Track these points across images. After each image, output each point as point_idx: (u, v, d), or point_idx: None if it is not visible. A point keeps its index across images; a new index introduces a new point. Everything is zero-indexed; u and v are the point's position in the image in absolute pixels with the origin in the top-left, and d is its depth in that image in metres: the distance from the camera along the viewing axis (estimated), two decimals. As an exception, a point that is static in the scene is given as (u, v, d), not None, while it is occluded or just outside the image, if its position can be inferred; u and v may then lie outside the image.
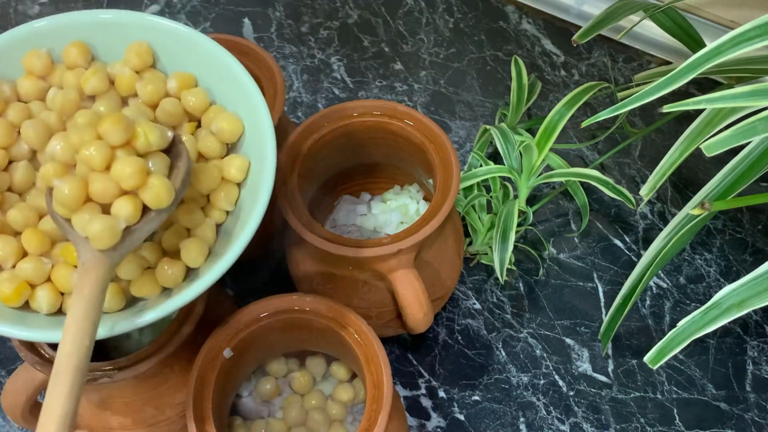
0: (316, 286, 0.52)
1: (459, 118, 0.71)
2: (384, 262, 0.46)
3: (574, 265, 0.63)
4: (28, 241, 0.39)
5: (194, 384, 0.43)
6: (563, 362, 0.58)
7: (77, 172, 0.36)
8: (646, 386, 0.57)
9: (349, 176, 0.58)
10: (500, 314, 0.60)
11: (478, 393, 0.57)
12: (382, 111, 0.51)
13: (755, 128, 0.41)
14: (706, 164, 0.66)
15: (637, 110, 0.70)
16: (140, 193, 0.36)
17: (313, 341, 0.49)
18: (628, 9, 0.61)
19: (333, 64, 0.74)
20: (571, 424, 0.56)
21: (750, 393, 0.57)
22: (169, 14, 0.78)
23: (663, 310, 0.61)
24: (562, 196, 0.66)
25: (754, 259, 0.63)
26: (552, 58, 0.74)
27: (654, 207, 0.66)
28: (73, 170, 0.37)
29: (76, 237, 0.35)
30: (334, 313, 0.45)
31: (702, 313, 0.42)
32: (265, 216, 0.56)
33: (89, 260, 0.35)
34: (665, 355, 0.43)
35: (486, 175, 0.58)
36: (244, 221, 0.40)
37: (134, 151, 0.36)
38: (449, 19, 0.77)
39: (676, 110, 0.43)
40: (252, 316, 0.46)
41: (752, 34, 0.43)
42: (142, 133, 0.36)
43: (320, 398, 0.49)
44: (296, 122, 0.69)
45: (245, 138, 0.43)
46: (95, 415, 0.47)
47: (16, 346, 0.44)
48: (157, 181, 0.36)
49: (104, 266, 0.35)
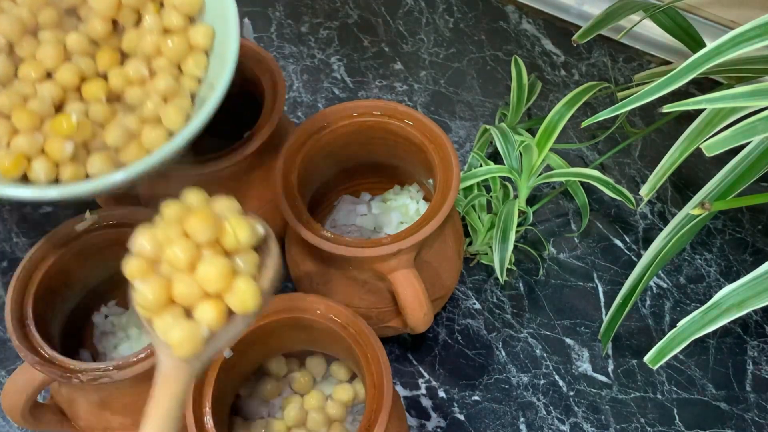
0: (316, 286, 0.52)
1: (459, 118, 0.71)
2: (384, 262, 0.46)
3: (574, 265, 0.63)
4: (19, 120, 0.41)
5: (194, 384, 0.43)
6: (563, 362, 0.58)
7: (161, 270, 0.35)
8: (646, 386, 0.57)
9: (349, 176, 0.58)
10: (500, 314, 0.60)
11: (478, 393, 0.57)
12: (382, 111, 0.51)
13: (755, 128, 0.41)
14: (706, 164, 0.66)
15: (637, 110, 0.70)
16: (225, 296, 0.34)
17: (313, 341, 0.49)
18: (628, 9, 0.61)
19: (333, 64, 0.74)
20: (571, 424, 0.56)
21: (750, 393, 0.57)
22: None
23: (663, 310, 0.61)
24: (562, 196, 0.66)
25: (754, 259, 0.63)
26: (552, 58, 0.74)
27: (654, 207, 0.66)
28: (156, 267, 0.35)
29: (156, 340, 0.34)
30: (334, 313, 0.45)
31: (702, 313, 0.42)
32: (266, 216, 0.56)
33: (169, 369, 0.34)
34: (665, 355, 0.43)
35: (486, 175, 0.58)
36: (214, 85, 0.43)
37: (221, 249, 0.35)
38: (449, 19, 0.77)
39: (676, 110, 0.43)
40: (252, 316, 0.46)
41: (752, 34, 0.43)
42: (231, 230, 0.35)
43: (320, 398, 0.49)
44: (296, 122, 0.69)
45: (207, 8, 0.46)
46: (95, 415, 0.47)
47: (16, 346, 0.44)
48: (243, 285, 0.34)
49: (184, 377, 0.34)
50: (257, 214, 0.38)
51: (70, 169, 0.41)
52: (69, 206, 0.66)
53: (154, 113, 0.43)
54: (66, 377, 0.43)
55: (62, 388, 0.48)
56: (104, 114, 0.43)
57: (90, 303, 0.54)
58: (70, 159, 0.41)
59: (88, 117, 0.43)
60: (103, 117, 0.43)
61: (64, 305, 0.51)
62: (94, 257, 0.50)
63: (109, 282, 0.53)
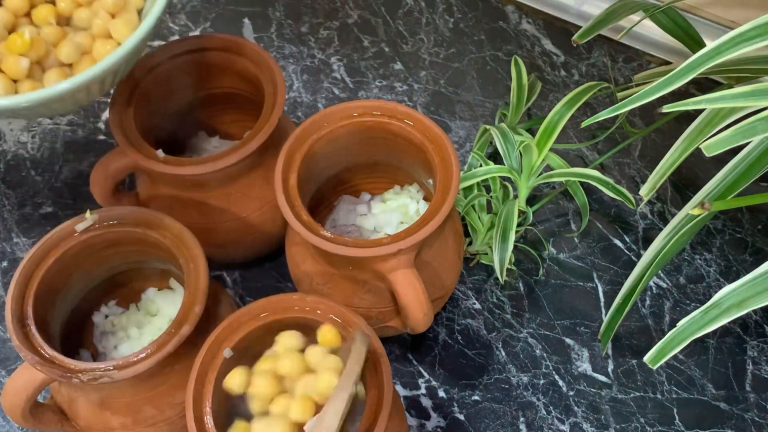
0: (316, 286, 0.52)
1: (459, 118, 0.71)
2: (384, 262, 0.46)
3: (573, 265, 0.63)
4: None
5: (194, 384, 0.43)
6: (563, 362, 0.58)
7: None
8: (646, 386, 0.57)
9: (349, 176, 0.58)
10: (500, 314, 0.60)
11: (478, 393, 0.57)
12: (382, 111, 0.51)
13: (755, 128, 0.41)
14: (706, 164, 0.66)
15: (637, 110, 0.70)
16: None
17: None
18: (628, 9, 0.61)
19: (333, 64, 0.74)
20: (570, 423, 0.56)
21: (750, 393, 0.57)
22: (169, 14, 0.78)
23: (663, 310, 0.61)
24: (562, 196, 0.66)
25: (754, 259, 0.63)
26: (552, 58, 0.74)
27: (654, 207, 0.66)
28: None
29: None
30: (334, 313, 0.45)
31: (702, 313, 0.42)
32: (266, 216, 0.56)
33: None
34: (665, 355, 0.43)
35: (486, 175, 0.58)
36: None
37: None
38: (449, 19, 0.77)
39: (676, 110, 0.43)
40: (252, 316, 0.46)
41: (752, 34, 0.43)
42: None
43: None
44: (296, 122, 0.69)
45: None
46: (95, 415, 0.47)
47: (16, 346, 0.44)
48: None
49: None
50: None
51: (27, 85, 0.45)
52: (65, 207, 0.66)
53: (104, 29, 0.47)
54: (66, 377, 0.43)
55: (62, 388, 0.48)
56: (55, 35, 0.47)
57: (90, 303, 0.54)
58: (26, 75, 0.46)
59: (42, 38, 0.47)
60: (54, 38, 0.47)
61: (64, 305, 0.51)
62: (94, 257, 0.50)
63: (109, 282, 0.53)
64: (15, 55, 0.45)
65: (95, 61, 0.47)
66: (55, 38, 0.47)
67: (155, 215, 0.49)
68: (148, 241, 0.49)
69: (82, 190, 0.66)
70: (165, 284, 0.56)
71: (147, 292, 0.56)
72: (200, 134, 0.63)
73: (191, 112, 0.60)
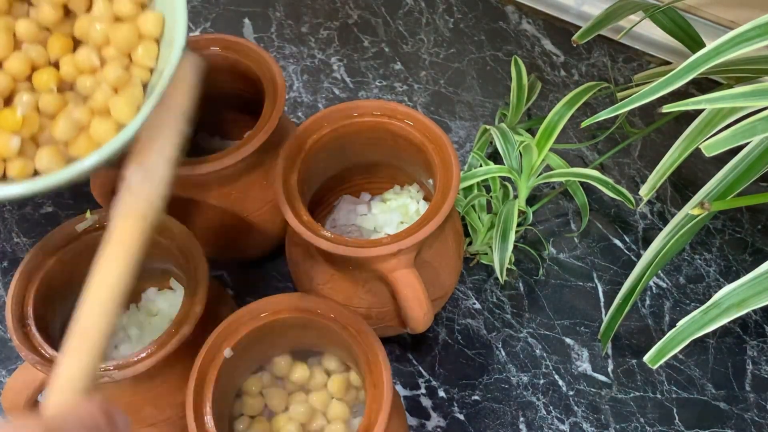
0: (316, 286, 0.52)
1: (459, 118, 0.71)
2: (384, 262, 0.46)
3: (573, 265, 0.63)
4: None
5: (194, 384, 0.43)
6: (563, 362, 0.58)
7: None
8: (646, 386, 0.57)
9: (349, 176, 0.58)
10: (500, 314, 0.60)
11: (478, 393, 0.57)
12: (382, 111, 0.51)
13: (755, 128, 0.41)
14: (706, 164, 0.66)
15: (637, 110, 0.70)
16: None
17: (313, 341, 0.49)
18: (628, 9, 0.61)
19: (333, 64, 0.74)
20: (570, 423, 0.56)
21: (750, 393, 0.57)
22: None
23: (663, 309, 0.61)
24: (562, 196, 0.66)
25: (753, 259, 0.63)
26: (552, 58, 0.74)
27: (654, 207, 0.66)
28: None
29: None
30: (334, 313, 0.45)
31: (702, 313, 0.42)
32: (266, 216, 0.56)
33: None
34: (665, 355, 0.43)
35: (486, 175, 0.58)
36: (162, 73, 0.42)
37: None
38: (449, 19, 0.77)
39: (675, 110, 0.43)
40: (252, 316, 0.46)
41: (752, 34, 0.43)
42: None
43: (321, 397, 0.49)
44: (296, 122, 0.69)
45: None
46: (95, 415, 0.47)
47: (16, 345, 0.44)
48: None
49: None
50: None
51: (17, 165, 0.41)
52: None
53: (104, 104, 0.43)
54: (66, 377, 0.43)
55: (62, 388, 0.48)
56: (55, 104, 0.43)
57: (90, 303, 0.54)
58: (17, 154, 0.41)
59: (39, 108, 0.42)
60: (53, 108, 0.43)
61: (65, 305, 0.50)
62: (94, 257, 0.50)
63: (109, 282, 0.53)
64: (5, 133, 0.41)
65: (91, 140, 0.42)
66: (54, 108, 0.42)
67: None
68: (149, 242, 0.49)
69: (82, 190, 0.66)
70: (165, 284, 0.56)
71: (147, 292, 0.56)
72: (200, 134, 0.63)
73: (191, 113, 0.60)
